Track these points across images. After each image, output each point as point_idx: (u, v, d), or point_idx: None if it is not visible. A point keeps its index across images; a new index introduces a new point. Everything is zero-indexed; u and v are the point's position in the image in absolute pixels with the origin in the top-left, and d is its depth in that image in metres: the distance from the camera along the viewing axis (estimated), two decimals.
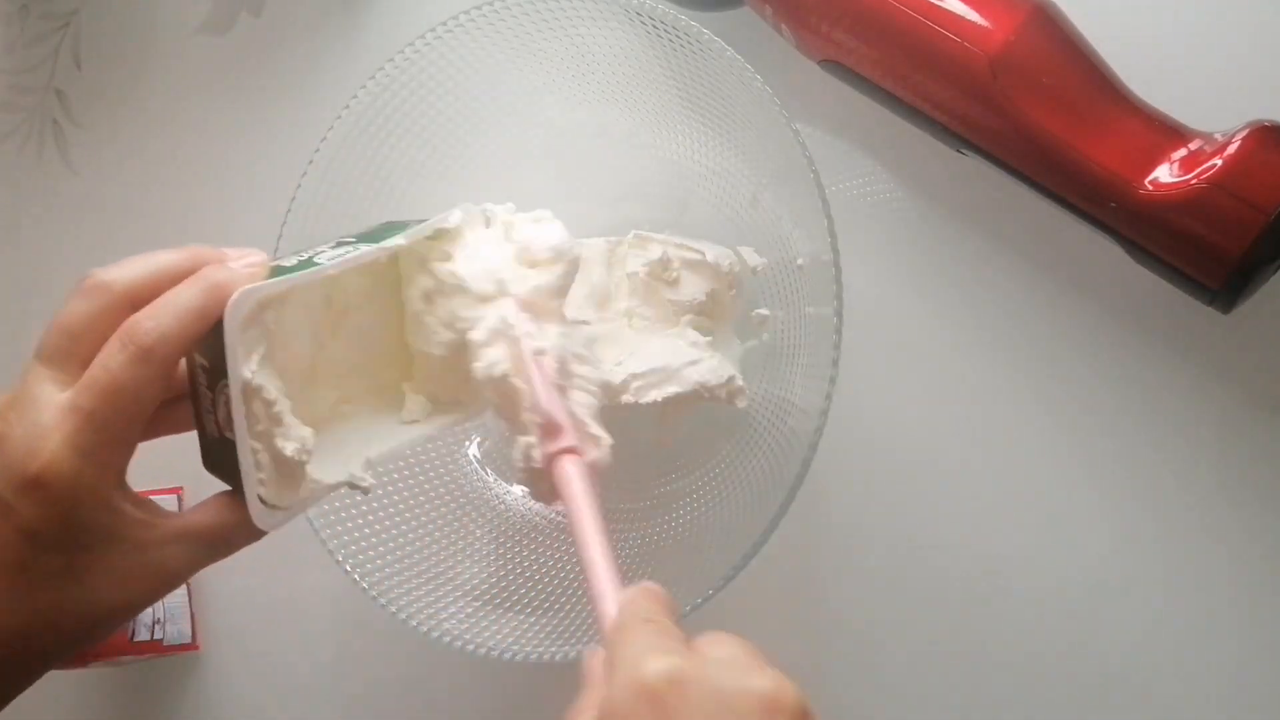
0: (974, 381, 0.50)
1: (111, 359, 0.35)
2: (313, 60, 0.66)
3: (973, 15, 0.44)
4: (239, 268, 0.37)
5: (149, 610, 0.63)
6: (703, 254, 0.49)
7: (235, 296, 0.35)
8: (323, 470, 0.40)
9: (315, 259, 0.39)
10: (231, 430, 0.37)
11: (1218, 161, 0.41)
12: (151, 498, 0.63)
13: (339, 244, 0.41)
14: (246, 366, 0.36)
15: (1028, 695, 0.48)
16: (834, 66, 0.49)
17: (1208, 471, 0.46)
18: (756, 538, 0.44)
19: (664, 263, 0.48)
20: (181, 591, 0.65)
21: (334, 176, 0.52)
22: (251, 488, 0.37)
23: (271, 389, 0.37)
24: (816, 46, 0.49)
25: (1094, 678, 0.47)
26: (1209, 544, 0.46)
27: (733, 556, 0.45)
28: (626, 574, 0.50)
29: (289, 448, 0.38)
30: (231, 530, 0.39)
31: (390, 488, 0.53)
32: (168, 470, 0.61)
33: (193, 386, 0.38)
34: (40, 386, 0.36)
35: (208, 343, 0.36)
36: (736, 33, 0.48)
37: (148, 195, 0.71)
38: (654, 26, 0.48)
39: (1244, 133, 0.41)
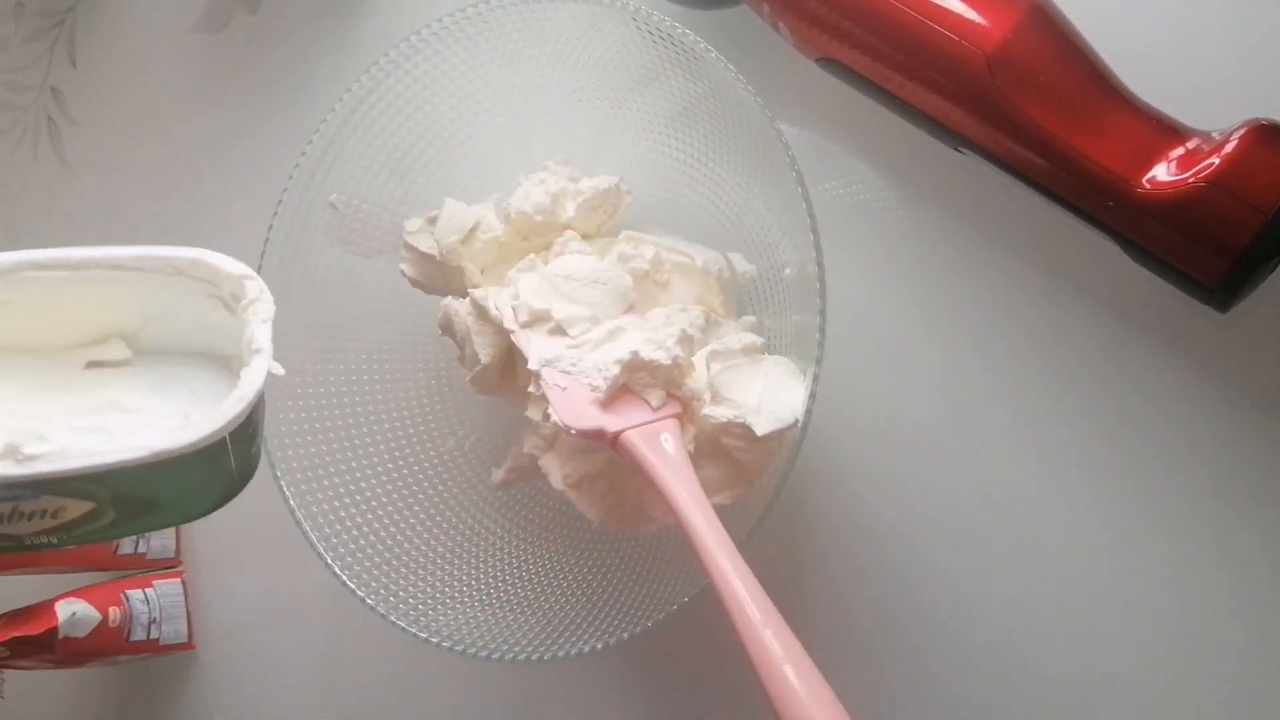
0: (971, 381, 0.50)
1: None
2: (308, 58, 0.66)
3: (970, 13, 0.44)
4: None
5: (145, 609, 0.63)
6: (692, 258, 0.49)
7: None
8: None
9: None
10: None
11: (1215, 160, 0.41)
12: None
13: None
14: None
15: (1019, 687, 0.48)
16: (831, 64, 0.49)
17: (1204, 469, 0.46)
18: (741, 540, 0.44)
19: (655, 264, 0.48)
20: (178, 591, 0.65)
21: (324, 173, 0.52)
22: None
23: None
24: (814, 44, 0.48)
25: (1089, 672, 0.47)
26: (1205, 541, 0.46)
27: None
28: (620, 575, 0.51)
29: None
30: None
31: (380, 489, 0.53)
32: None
33: None
34: None
35: None
36: (734, 31, 0.48)
37: (143, 192, 0.71)
38: (642, 27, 0.48)
39: (1242, 131, 0.41)
